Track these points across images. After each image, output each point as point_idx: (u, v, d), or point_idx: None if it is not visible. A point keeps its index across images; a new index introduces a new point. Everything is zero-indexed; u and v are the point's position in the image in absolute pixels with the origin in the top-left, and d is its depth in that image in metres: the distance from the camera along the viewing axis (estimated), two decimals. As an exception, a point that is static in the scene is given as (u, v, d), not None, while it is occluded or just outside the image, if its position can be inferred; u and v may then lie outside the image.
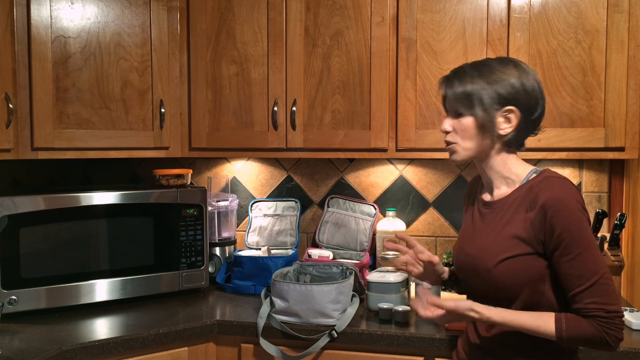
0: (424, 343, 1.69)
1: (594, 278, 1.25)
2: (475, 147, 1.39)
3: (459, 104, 1.38)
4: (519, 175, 1.38)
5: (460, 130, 1.39)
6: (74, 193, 1.95)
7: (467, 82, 1.36)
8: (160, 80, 2.15)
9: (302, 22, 2.09)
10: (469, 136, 1.38)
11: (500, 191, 1.41)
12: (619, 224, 1.83)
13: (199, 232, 2.14)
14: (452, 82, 1.39)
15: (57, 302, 1.91)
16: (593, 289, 1.25)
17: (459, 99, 1.37)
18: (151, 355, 1.74)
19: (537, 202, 1.29)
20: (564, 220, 1.25)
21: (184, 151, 2.24)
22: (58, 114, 1.96)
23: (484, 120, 1.35)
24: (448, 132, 1.42)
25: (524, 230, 1.30)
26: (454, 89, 1.38)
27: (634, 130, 1.83)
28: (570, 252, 1.25)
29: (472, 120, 1.37)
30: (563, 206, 1.26)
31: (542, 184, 1.31)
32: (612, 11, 1.82)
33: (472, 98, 1.35)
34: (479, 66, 1.38)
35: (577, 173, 2.18)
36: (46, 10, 1.92)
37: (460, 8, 1.94)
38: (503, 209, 1.37)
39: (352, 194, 2.41)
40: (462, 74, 1.38)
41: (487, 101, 1.34)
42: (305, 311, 1.77)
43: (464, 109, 1.37)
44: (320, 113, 2.10)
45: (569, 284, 1.27)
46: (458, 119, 1.39)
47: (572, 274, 1.26)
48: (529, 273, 1.30)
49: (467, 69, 1.38)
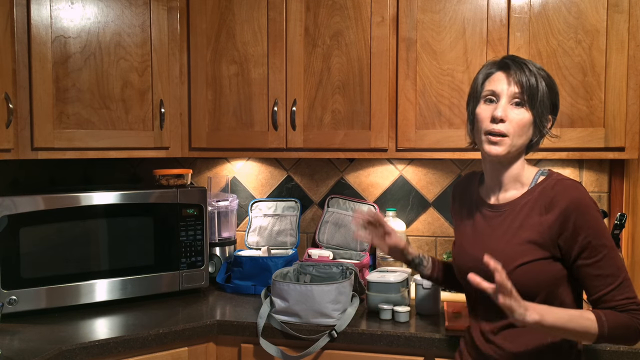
0: (424, 343, 1.69)
1: (622, 275, 1.27)
2: (520, 146, 1.33)
3: (527, 94, 1.30)
4: (527, 178, 1.37)
5: (518, 123, 1.30)
6: (74, 193, 1.95)
7: (539, 78, 1.31)
8: (160, 80, 2.15)
9: (302, 22, 2.09)
10: (523, 132, 1.31)
11: (507, 194, 1.38)
12: (619, 224, 1.83)
13: (199, 232, 2.14)
14: (524, 68, 1.31)
15: (57, 302, 1.91)
16: (622, 286, 1.26)
17: (530, 88, 1.29)
18: (151, 355, 1.74)
19: (556, 206, 1.27)
20: (589, 224, 1.26)
21: (184, 151, 2.24)
22: (58, 114, 1.96)
23: (541, 120, 1.32)
24: (502, 121, 1.30)
25: (539, 235, 1.28)
26: (527, 77, 1.30)
27: (634, 130, 1.83)
28: (598, 254, 1.26)
29: (530, 116, 1.31)
30: (586, 209, 1.26)
31: (558, 187, 1.30)
32: (612, 11, 1.82)
33: (540, 93, 1.30)
34: (539, 66, 1.34)
35: (577, 173, 2.18)
36: (46, 10, 1.92)
37: (460, 8, 1.94)
38: (513, 212, 1.35)
39: (352, 194, 2.41)
40: (532, 65, 1.32)
41: (548, 103, 1.33)
42: (305, 311, 1.77)
43: (530, 102, 1.30)
44: (320, 113, 2.10)
45: (597, 284, 1.27)
46: (516, 109, 1.31)
47: (602, 274, 1.26)
48: (545, 277, 1.29)
49: (531, 63, 1.33)
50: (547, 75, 1.34)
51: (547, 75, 1.34)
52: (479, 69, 1.41)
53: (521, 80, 1.29)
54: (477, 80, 1.38)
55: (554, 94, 1.36)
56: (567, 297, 1.32)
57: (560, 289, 1.31)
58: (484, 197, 1.45)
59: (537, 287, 1.29)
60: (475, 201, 1.47)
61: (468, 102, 1.42)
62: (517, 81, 1.30)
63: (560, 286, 1.31)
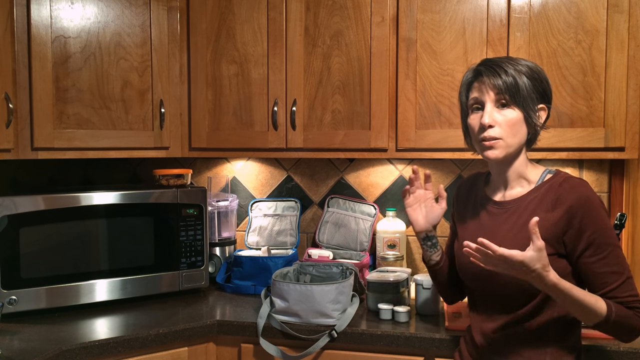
0: (424, 343, 1.69)
1: (626, 273, 1.28)
2: (517, 144, 1.34)
3: (507, 95, 1.30)
4: (534, 176, 1.38)
5: (507, 125, 1.31)
6: (74, 193, 1.95)
7: (517, 73, 1.30)
8: (160, 80, 2.15)
9: (302, 22, 2.09)
10: (515, 132, 1.32)
11: (513, 191, 1.40)
12: (619, 224, 1.83)
13: (199, 232, 2.14)
14: (498, 70, 1.31)
15: (57, 302, 1.91)
16: (627, 283, 1.28)
17: (509, 88, 1.30)
18: (151, 355, 1.74)
19: (563, 203, 1.29)
20: (594, 221, 1.27)
21: (184, 151, 2.24)
22: (58, 114, 1.96)
23: (531, 115, 1.32)
24: (492, 127, 1.32)
25: (545, 231, 1.29)
26: (503, 77, 1.30)
27: (634, 130, 1.83)
28: (603, 251, 1.27)
29: (519, 114, 1.31)
30: (592, 206, 1.28)
31: (565, 185, 1.31)
32: (612, 11, 1.82)
33: (521, 90, 1.30)
34: (518, 60, 1.34)
35: (577, 173, 2.18)
36: (46, 10, 1.92)
37: (460, 8, 1.94)
38: (519, 209, 1.36)
39: (352, 194, 2.41)
40: (507, 64, 1.32)
41: (534, 96, 1.32)
42: (305, 311, 1.77)
43: (513, 101, 1.30)
44: (320, 113, 2.10)
45: (602, 281, 1.28)
46: (503, 111, 1.32)
47: (606, 271, 1.28)
48: None
49: (508, 60, 1.33)
50: (529, 68, 1.33)
51: (528, 67, 1.33)
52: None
53: (497, 84, 1.30)
54: (461, 92, 1.41)
55: (540, 83, 1.34)
56: None
57: None
58: (490, 195, 1.45)
59: None
60: (480, 200, 1.47)
61: (461, 115, 1.45)
62: (493, 85, 1.31)
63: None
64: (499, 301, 1.35)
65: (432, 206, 1.54)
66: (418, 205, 1.55)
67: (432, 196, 1.54)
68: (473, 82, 1.37)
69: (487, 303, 1.39)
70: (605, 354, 1.57)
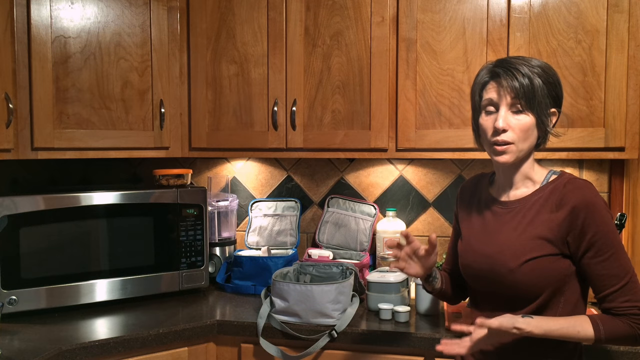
0: (424, 343, 1.69)
1: (627, 277, 1.27)
2: (527, 148, 1.33)
3: (524, 100, 1.28)
4: (539, 176, 1.38)
5: (521, 129, 1.30)
6: (74, 193, 1.95)
7: (533, 76, 1.28)
8: (160, 80, 2.15)
9: (302, 22, 2.09)
10: (527, 136, 1.31)
11: (518, 191, 1.39)
12: (619, 224, 1.83)
13: (199, 232, 2.14)
14: (516, 74, 1.28)
15: (57, 302, 1.91)
16: (626, 288, 1.27)
17: (526, 94, 1.27)
18: (151, 355, 1.74)
19: (567, 204, 1.29)
20: (597, 222, 1.27)
21: (184, 151, 2.24)
22: (58, 114, 1.96)
23: (543, 121, 1.31)
24: (505, 131, 1.30)
25: (549, 231, 1.29)
26: (519, 82, 1.27)
27: (634, 130, 1.83)
28: (604, 253, 1.27)
29: (532, 120, 1.30)
30: (595, 208, 1.27)
31: (569, 186, 1.31)
32: (612, 11, 1.82)
33: (537, 95, 1.28)
34: (533, 62, 1.31)
35: (577, 173, 2.18)
36: (46, 10, 1.92)
37: (460, 8, 1.94)
38: (524, 209, 1.36)
39: (352, 194, 2.41)
40: (523, 66, 1.29)
41: (548, 101, 1.31)
42: (305, 311, 1.77)
43: (529, 107, 1.28)
44: (320, 113, 2.10)
45: (601, 284, 1.28)
46: (517, 116, 1.30)
47: (606, 274, 1.27)
48: (553, 273, 1.30)
49: (524, 63, 1.30)
50: (543, 69, 1.31)
51: (542, 69, 1.31)
52: (479, 70, 1.40)
53: (515, 87, 1.28)
54: (475, 91, 1.38)
55: (554, 86, 1.33)
56: (573, 294, 1.33)
57: (567, 285, 1.31)
58: (495, 195, 1.45)
59: (545, 282, 1.30)
60: (484, 200, 1.47)
61: (472, 113, 1.42)
62: (511, 89, 1.28)
63: (567, 283, 1.31)
64: (502, 300, 1.35)
65: (425, 254, 1.43)
66: (411, 261, 1.45)
67: (419, 245, 1.43)
68: (488, 83, 1.34)
69: (489, 302, 1.39)
70: (605, 354, 1.58)
